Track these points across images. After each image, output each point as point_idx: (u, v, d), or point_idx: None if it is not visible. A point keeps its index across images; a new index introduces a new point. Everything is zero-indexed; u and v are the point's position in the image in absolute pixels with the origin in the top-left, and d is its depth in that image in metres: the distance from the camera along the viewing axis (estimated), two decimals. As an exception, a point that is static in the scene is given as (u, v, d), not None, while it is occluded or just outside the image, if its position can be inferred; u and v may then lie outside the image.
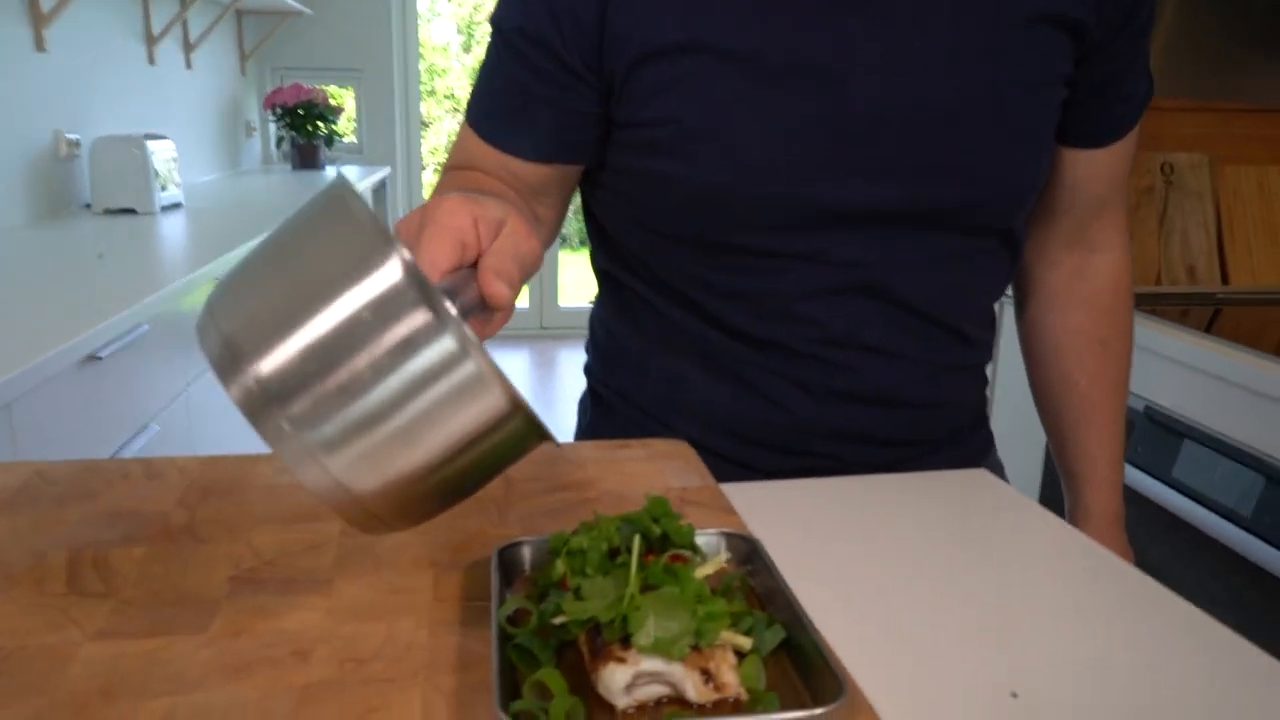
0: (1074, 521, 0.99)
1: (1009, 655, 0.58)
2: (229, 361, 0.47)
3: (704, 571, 0.53)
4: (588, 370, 1.03)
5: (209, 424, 2.14)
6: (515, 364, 4.79)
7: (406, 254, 0.46)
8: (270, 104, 4.28)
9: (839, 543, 0.72)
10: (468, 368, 0.46)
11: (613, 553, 0.53)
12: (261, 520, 0.67)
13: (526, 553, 0.60)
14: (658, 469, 0.78)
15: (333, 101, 4.38)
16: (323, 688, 0.49)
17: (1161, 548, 1.59)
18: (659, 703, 0.48)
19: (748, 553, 0.60)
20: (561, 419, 3.73)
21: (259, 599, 0.57)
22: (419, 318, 0.46)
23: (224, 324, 0.47)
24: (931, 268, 0.84)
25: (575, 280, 5.46)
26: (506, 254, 0.57)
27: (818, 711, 0.44)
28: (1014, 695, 0.54)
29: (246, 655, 0.51)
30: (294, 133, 4.29)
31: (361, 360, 0.46)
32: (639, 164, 0.82)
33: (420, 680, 0.49)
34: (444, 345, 0.46)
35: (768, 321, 0.85)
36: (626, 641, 0.47)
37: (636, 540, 0.51)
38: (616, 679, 0.46)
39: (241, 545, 0.63)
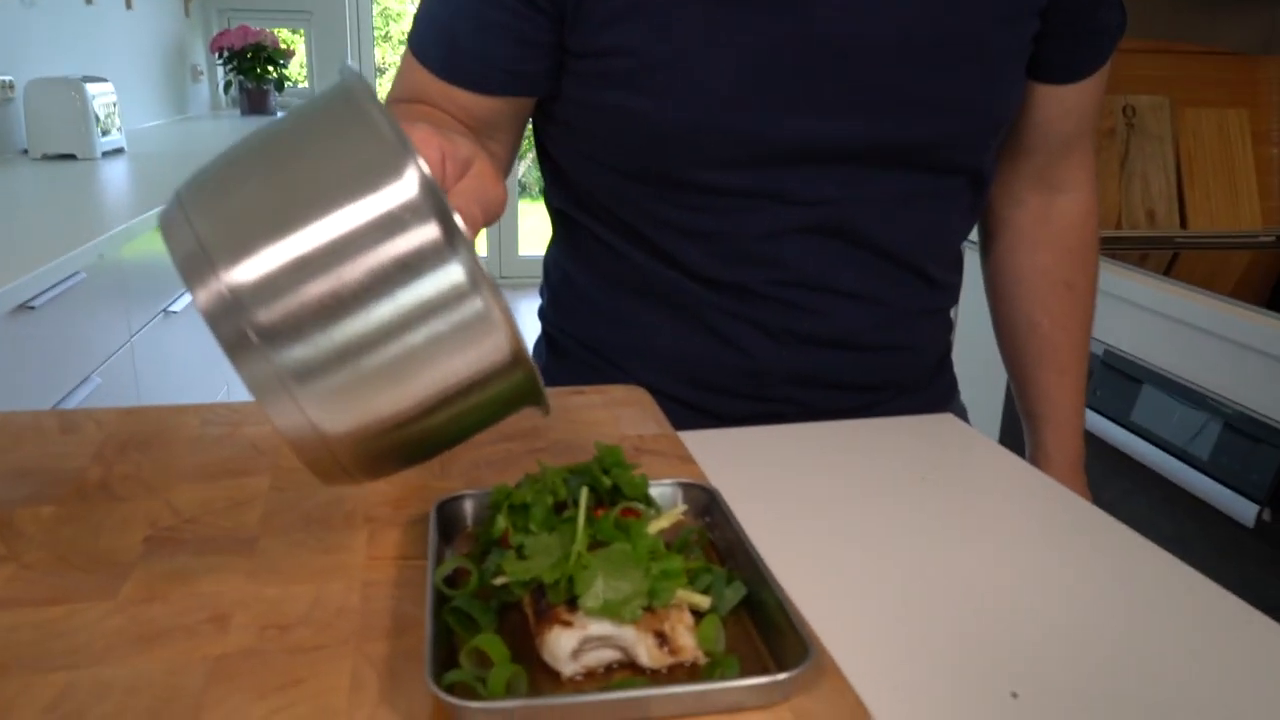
0: (1034, 464, 0.96)
1: (979, 603, 0.55)
2: (200, 262, 0.39)
3: (658, 525, 0.49)
4: (542, 315, 0.97)
5: (156, 377, 2.06)
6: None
7: (424, 165, 0.40)
8: (217, 47, 4.11)
9: (803, 491, 0.68)
10: (475, 304, 0.40)
11: (559, 507, 0.48)
12: (184, 476, 0.62)
13: (469, 507, 0.55)
14: (612, 416, 0.73)
15: (283, 45, 4.22)
16: (239, 658, 0.44)
17: (1119, 490, 1.59)
18: (609, 669, 0.44)
19: (706, 504, 0.56)
20: (522, 368, 3.66)
21: (176, 561, 0.52)
22: (428, 238, 0.39)
23: (198, 219, 0.40)
24: (898, 207, 0.80)
25: (535, 229, 5.36)
26: (471, 196, 0.52)
27: (780, 677, 0.40)
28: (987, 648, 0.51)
29: (158, 623, 0.46)
30: (242, 77, 4.13)
31: (354, 277, 0.39)
32: (594, 97, 0.76)
33: (350, 648, 0.45)
34: (452, 274, 0.40)
35: (728, 262, 0.80)
36: (573, 604, 0.43)
37: (584, 493, 0.46)
38: (562, 644, 0.42)
39: (160, 503, 0.58)
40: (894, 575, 0.58)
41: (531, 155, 0.83)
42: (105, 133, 2.72)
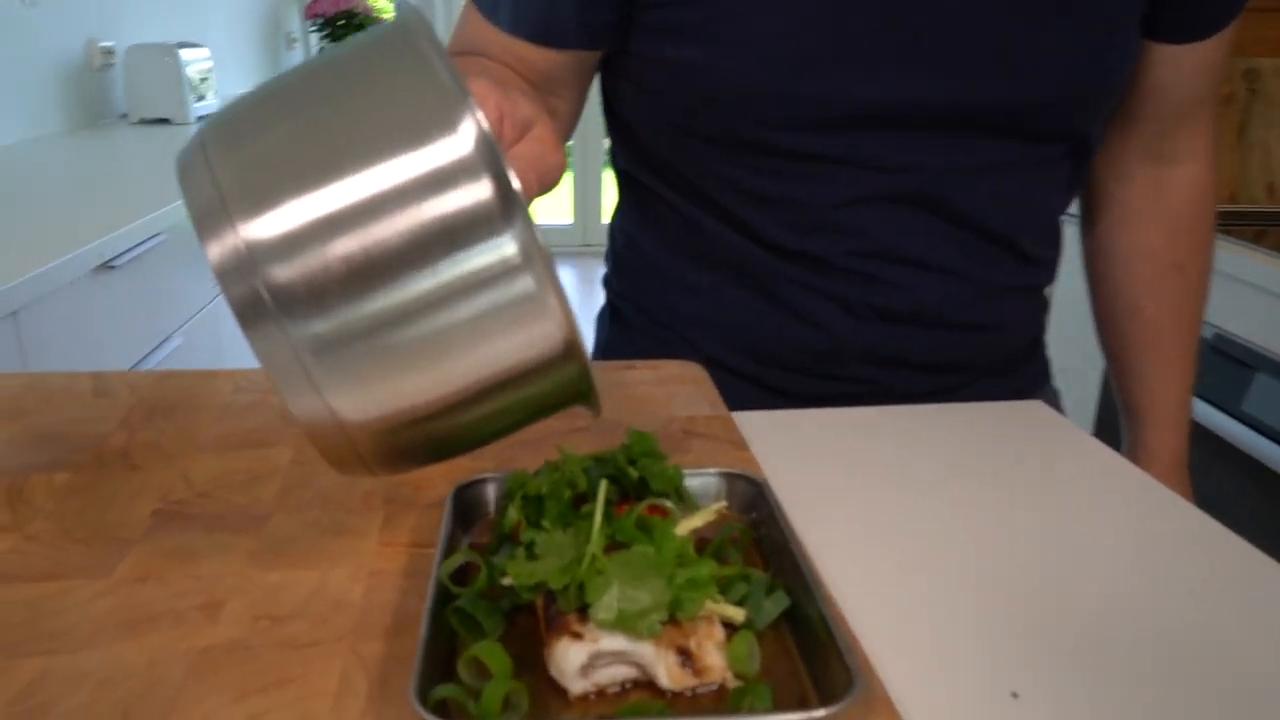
0: (1132, 460, 0.87)
1: (1063, 617, 0.47)
2: (216, 212, 0.34)
3: (690, 525, 0.43)
4: (606, 282, 0.92)
5: (240, 337, 2.08)
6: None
7: (483, 120, 0.34)
8: (311, 14, 4.14)
9: (867, 484, 0.61)
10: (526, 283, 0.34)
11: (579, 500, 0.43)
12: (205, 445, 0.58)
13: (492, 491, 0.50)
14: (664, 394, 0.67)
15: (376, 13, 4.23)
16: (225, 651, 0.40)
17: (1228, 486, 1.46)
18: (624, 688, 0.38)
19: (753, 497, 0.50)
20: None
21: (180, 538, 0.48)
22: (480, 201, 0.33)
23: (220, 164, 0.35)
24: (991, 176, 0.72)
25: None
26: (528, 161, 0.48)
27: (819, 714, 0.34)
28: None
29: (149, 607, 0.43)
30: (335, 44, 4.16)
31: (389, 241, 0.33)
32: (662, 51, 0.70)
33: (344, 646, 0.41)
34: (504, 247, 0.34)
35: (804, 231, 0.74)
36: (585, 612, 0.37)
37: (603, 486, 0.40)
38: (570, 659, 0.37)
39: (176, 474, 0.55)
40: (966, 585, 0.51)
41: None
42: (200, 98, 2.76)
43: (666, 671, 0.37)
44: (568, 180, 5.15)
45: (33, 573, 0.45)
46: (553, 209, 5.37)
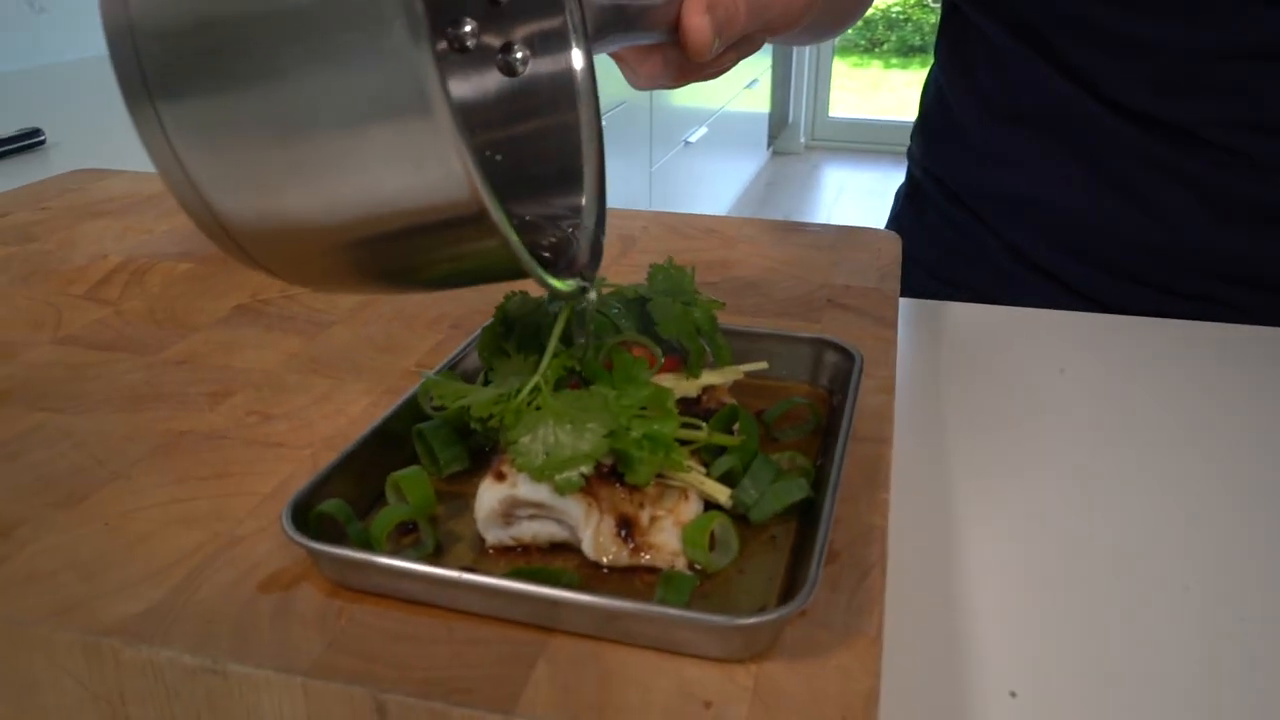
0: None
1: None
2: None
3: (697, 383, 0.36)
4: (909, 152, 0.81)
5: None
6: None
7: None
8: None
9: (1059, 408, 0.49)
10: (411, 104, 0.24)
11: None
12: (322, 254, 0.59)
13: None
14: (830, 259, 0.58)
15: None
16: (199, 438, 0.39)
17: None
18: (551, 549, 0.33)
19: (846, 372, 0.41)
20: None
21: (241, 331, 0.49)
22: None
23: None
24: None
25: (850, 88, 4.95)
26: None
27: (724, 620, 0.27)
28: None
29: (167, 386, 0.44)
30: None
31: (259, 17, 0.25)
32: None
33: (308, 454, 0.38)
34: (389, 42, 0.24)
35: (1167, 89, 0.59)
36: (515, 451, 0.32)
37: (563, 314, 0.34)
38: (483, 502, 0.32)
39: (280, 276, 0.56)
40: (1100, 539, 0.39)
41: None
42: None
43: (594, 538, 0.31)
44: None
45: (98, 342, 0.48)
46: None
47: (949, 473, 0.45)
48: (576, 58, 0.35)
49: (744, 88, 3.69)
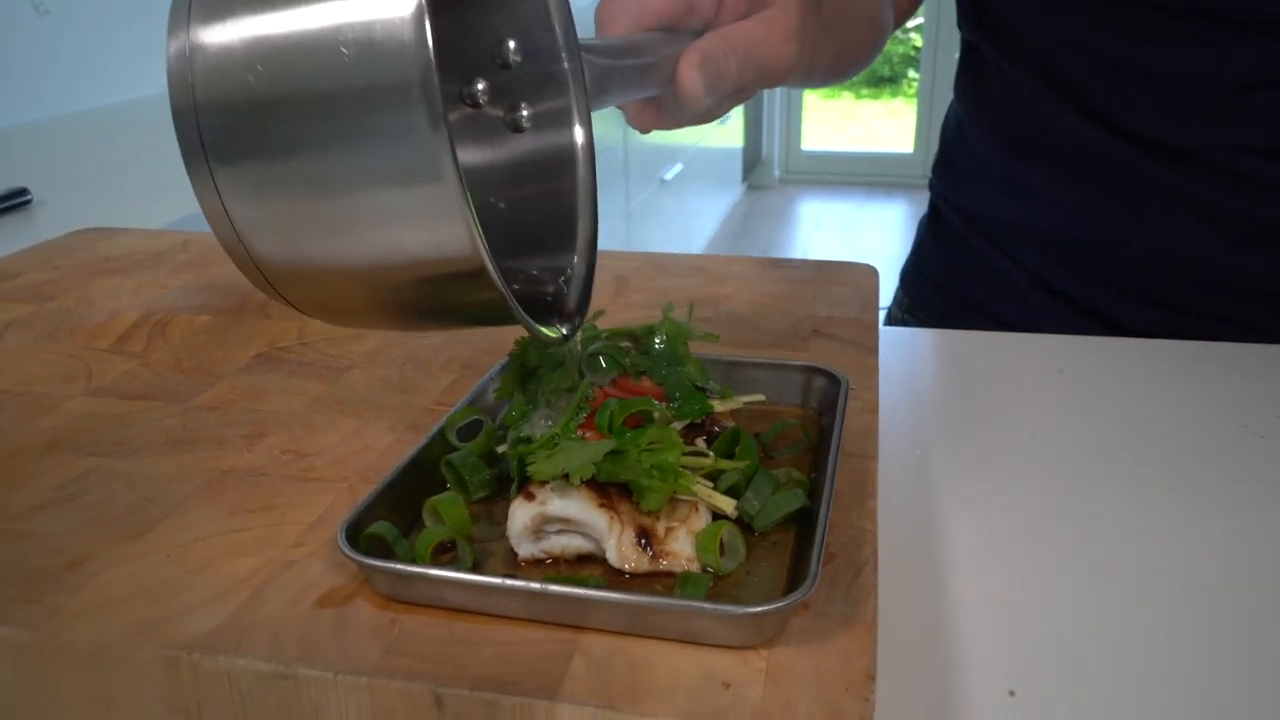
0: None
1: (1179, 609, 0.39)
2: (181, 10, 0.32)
3: (726, 406, 0.41)
4: (930, 183, 0.86)
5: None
6: (890, 215, 4.53)
7: None
8: None
9: (1039, 424, 0.54)
10: (428, 175, 0.29)
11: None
12: (333, 303, 0.63)
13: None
14: (811, 292, 0.63)
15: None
16: (241, 475, 0.44)
17: None
18: (579, 561, 0.37)
19: (834, 397, 0.46)
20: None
21: (265, 378, 0.53)
22: (392, 61, 0.28)
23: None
24: None
25: (822, 121, 5.20)
26: (737, 45, 0.43)
27: (736, 610, 0.31)
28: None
29: (203, 430, 0.48)
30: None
31: (304, 80, 0.30)
32: None
33: (344, 486, 0.43)
34: (411, 123, 0.28)
35: (1178, 116, 0.63)
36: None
37: (583, 387, 0.38)
38: (516, 518, 0.36)
39: (295, 326, 0.60)
40: (1083, 556, 0.44)
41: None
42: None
43: (617, 547, 0.35)
44: (911, 107, 4.93)
45: (131, 392, 0.52)
46: (894, 137, 5.17)
47: (960, 482, 0.50)
48: (578, 123, 0.39)
49: (717, 124, 3.78)
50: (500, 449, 0.41)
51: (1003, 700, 0.37)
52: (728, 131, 4.13)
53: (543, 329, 0.35)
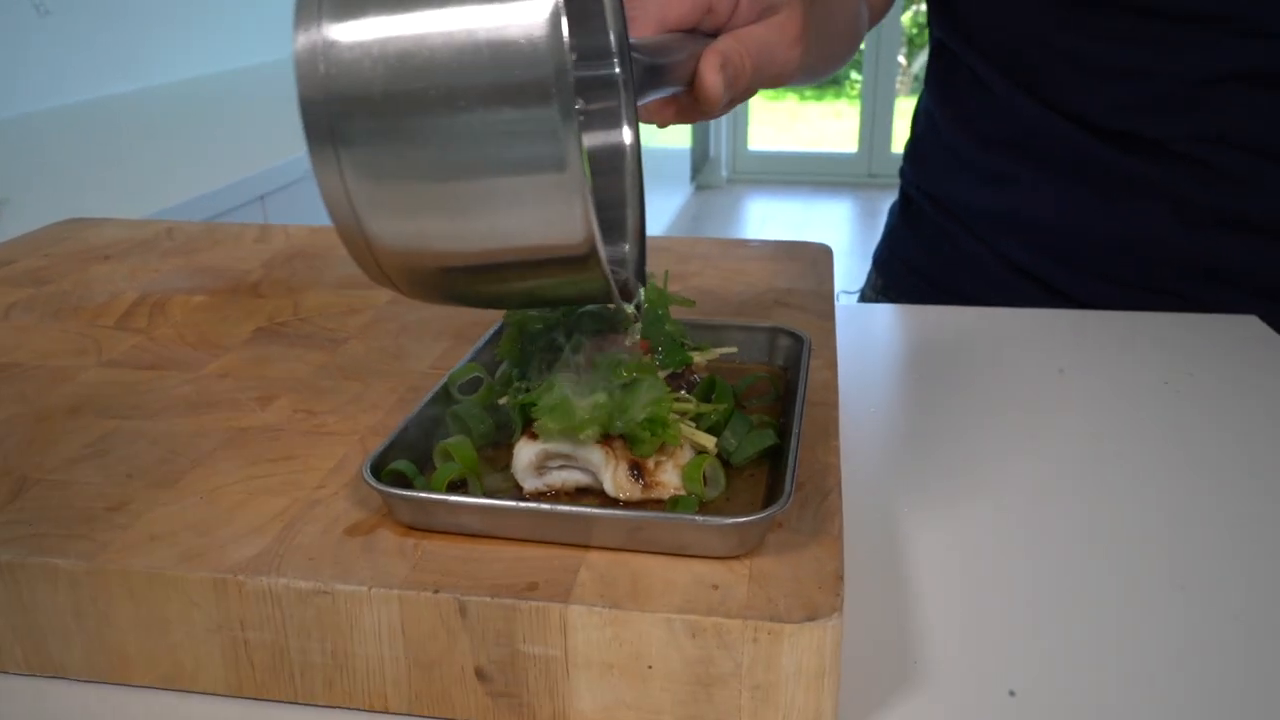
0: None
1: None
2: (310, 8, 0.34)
3: (704, 357, 0.45)
4: (901, 171, 0.90)
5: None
6: (836, 213, 4.63)
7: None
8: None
9: (989, 392, 0.60)
10: (553, 165, 0.32)
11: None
12: (323, 284, 0.67)
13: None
14: (773, 269, 0.68)
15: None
16: (258, 431, 0.48)
17: None
18: (578, 493, 0.42)
19: (797, 353, 0.51)
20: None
21: (268, 349, 0.57)
22: (529, 60, 0.31)
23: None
24: None
25: (770, 122, 5.38)
26: (751, 47, 0.47)
27: (723, 521, 0.36)
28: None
29: (216, 395, 0.51)
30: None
31: (440, 75, 0.32)
32: None
33: (356, 439, 0.47)
34: (544, 118, 0.32)
35: (1142, 110, 0.68)
36: (544, 418, 0.41)
37: (570, 341, 0.43)
38: (521, 455, 0.41)
39: (289, 302, 0.64)
40: (1013, 505, 0.49)
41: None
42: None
43: (613, 478, 0.40)
44: (854, 108, 5.04)
45: (142, 363, 0.55)
46: (838, 138, 5.28)
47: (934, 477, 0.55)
48: (626, 123, 0.43)
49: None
50: (501, 400, 0.45)
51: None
52: (676, 132, 4.19)
53: (626, 306, 0.39)
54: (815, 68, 0.61)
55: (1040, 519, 0.49)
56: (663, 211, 4.14)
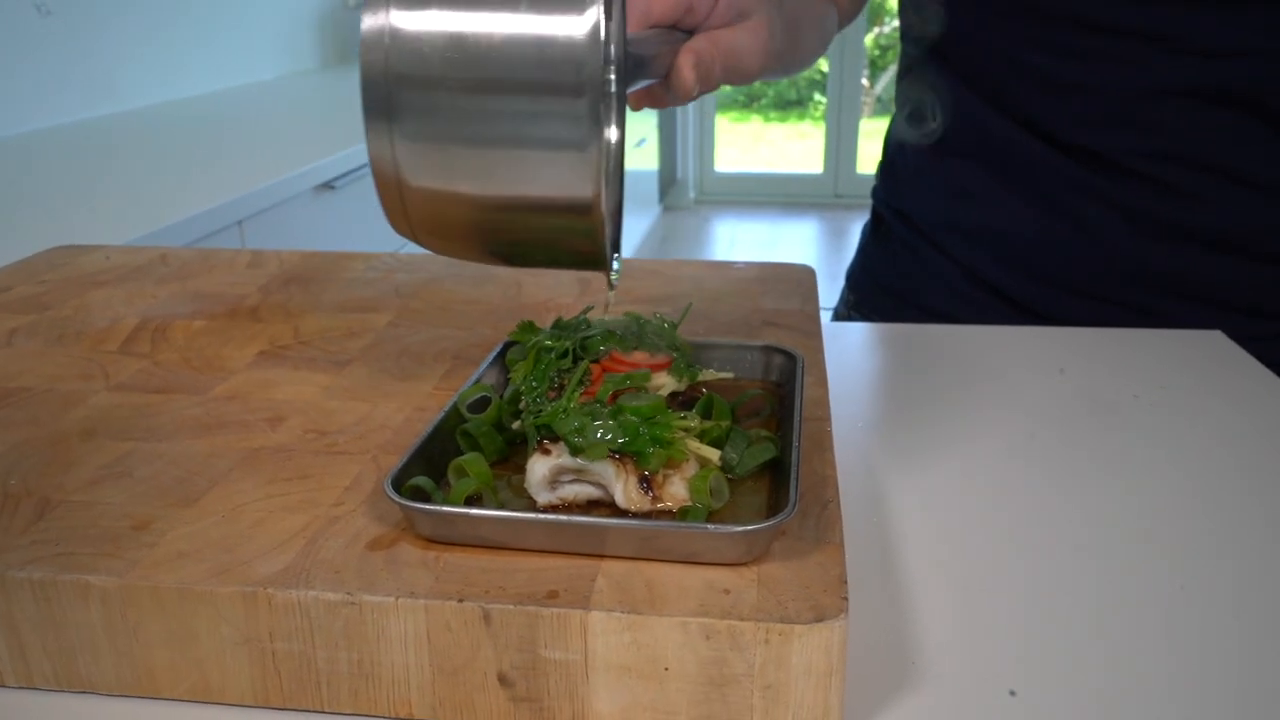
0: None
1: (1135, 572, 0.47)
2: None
3: (705, 377, 0.48)
4: (874, 190, 0.94)
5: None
6: (802, 233, 4.68)
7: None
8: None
9: (968, 405, 0.62)
10: (579, 129, 0.38)
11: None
12: (321, 307, 0.69)
13: (539, 350, 0.56)
14: (759, 289, 0.71)
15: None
16: (272, 452, 0.49)
17: None
18: (590, 505, 0.43)
19: (790, 371, 0.53)
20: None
21: (273, 372, 0.58)
22: (571, 44, 0.37)
23: None
24: None
25: (734, 143, 5.47)
26: (723, 48, 0.51)
27: (733, 529, 0.38)
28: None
29: (227, 417, 0.53)
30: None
31: (490, 66, 0.38)
32: None
33: (368, 457, 0.48)
34: (576, 108, 0.38)
35: (1095, 124, 0.71)
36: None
37: (583, 366, 0.45)
38: (535, 470, 0.43)
39: (289, 326, 0.65)
40: (1004, 513, 0.51)
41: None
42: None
43: (624, 491, 0.42)
44: (819, 130, 5.11)
45: (149, 387, 0.57)
46: (803, 159, 5.35)
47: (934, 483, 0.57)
48: (616, 113, 0.46)
49: (634, 146, 3.87)
50: (515, 424, 0.47)
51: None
52: (643, 154, 4.23)
53: (614, 263, 0.45)
54: (780, 69, 0.65)
55: (1027, 523, 0.51)
56: (632, 232, 4.18)
